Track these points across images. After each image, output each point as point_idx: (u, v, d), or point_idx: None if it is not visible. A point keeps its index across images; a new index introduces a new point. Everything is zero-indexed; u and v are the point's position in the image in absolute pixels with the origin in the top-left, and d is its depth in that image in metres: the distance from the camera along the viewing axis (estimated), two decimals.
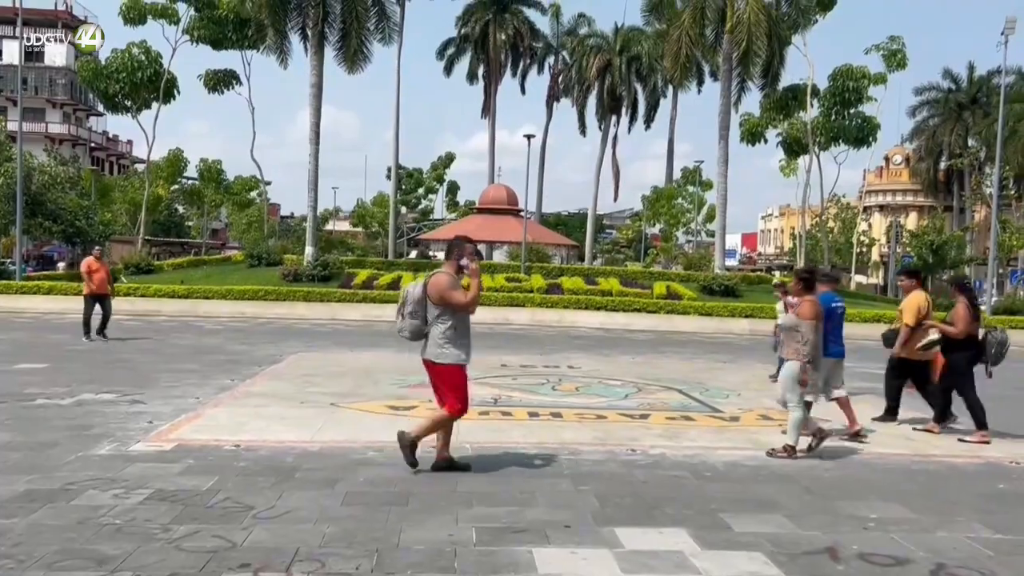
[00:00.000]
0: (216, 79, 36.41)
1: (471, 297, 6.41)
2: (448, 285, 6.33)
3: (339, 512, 5.38)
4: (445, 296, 6.31)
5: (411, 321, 6.38)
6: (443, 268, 6.48)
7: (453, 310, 6.35)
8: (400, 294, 6.50)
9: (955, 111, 59.58)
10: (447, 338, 6.34)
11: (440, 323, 6.35)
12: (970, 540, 5.29)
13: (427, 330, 6.40)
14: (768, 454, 7.54)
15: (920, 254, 38.62)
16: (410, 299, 6.38)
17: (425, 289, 6.37)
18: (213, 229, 71.33)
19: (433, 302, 6.35)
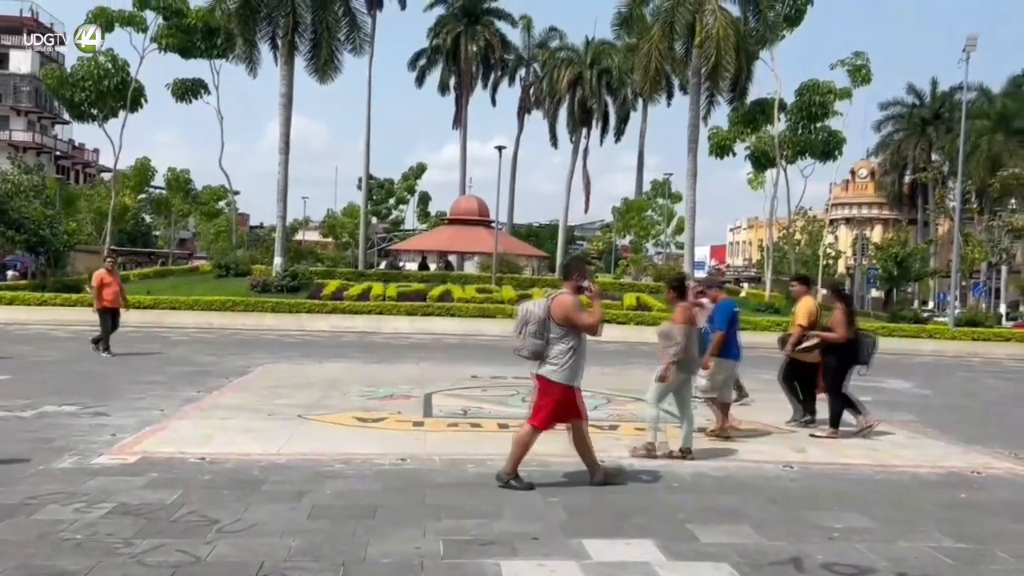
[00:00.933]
0: (184, 88, 36.09)
1: (597, 318, 6.50)
2: (574, 306, 6.41)
3: (305, 525, 5.34)
4: (571, 317, 6.38)
5: (533, 340, 6.40)
6: (562, 289, 6.56)
7: (575, 331, 6.42)
8: (518, 312, 6.62)
9: (919, 126, 60.66)
10: (566, 359, 6.41)
11: (562, 343, 6.40)
12: (932, 549, 5.36)
13: (546, 350, 6.42)
14: (631, 454, 7.82)
15: (885, 266, 39.18)
16: (533, 318, 6.41)
17: (548, 309, 6.42)
18: (181, 239, 70.58)
19: (556, 322, 6.40)
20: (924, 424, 10.76)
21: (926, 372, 19.29)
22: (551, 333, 6.41)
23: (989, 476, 7.76)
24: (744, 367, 9.84)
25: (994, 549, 5.41)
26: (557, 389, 6.42)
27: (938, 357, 24.05)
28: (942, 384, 16.45)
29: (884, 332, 26.08)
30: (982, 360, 23.96)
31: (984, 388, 16.49)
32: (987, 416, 12.19)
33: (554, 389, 6.42)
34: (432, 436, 8.56)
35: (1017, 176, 39.23)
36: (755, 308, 28.96)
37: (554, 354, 6.39)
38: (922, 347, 25.32)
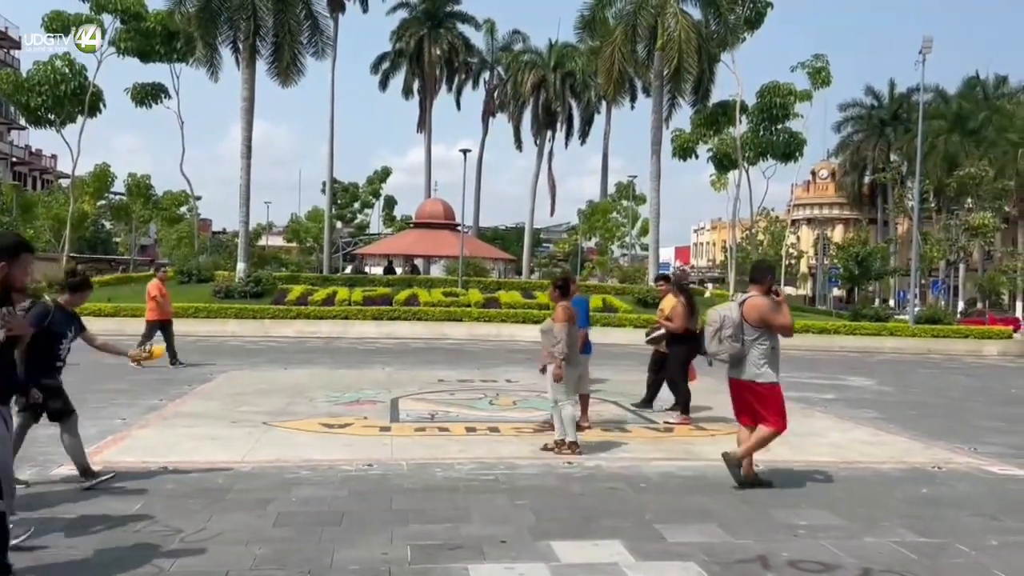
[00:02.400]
0: (144, 92, 35.62)
1: (790, 319, 6.80)
2: (769, 308, 6.64)
3: (271, 533, 5.28)
4: (768, 319, 6.63)
5: (732, 344, 6.65)
6: (751, 292, 6.82)
7: (771, 332, 6.65)
8: (711, 318, 6.82)
9: (878, 127, 61.67)
10: (766, 359, 6.65)
11: (759, 345, 6.65)
12: (895, 544, 5.43)
13: (744, 352, 6.66)
14: (543, 448, 7.92)
15: (846, 266, 39.82)
16: (728, 323, 6.65)
17: (742, 313, 6.65)
18: (142, 245, 69.55)
19: (752, 324, 6.64)
20: (887, 421, 10.92)
21: (888, 369, 19.58)
22: (747, 336, 6.66)
23: (950, 471, 7.89)
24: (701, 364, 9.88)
25: (955, 542, 5.50)
26: (774, 388, 6.73)
27: (899, 354, 24.43)
28: (904, 381, 16.71)
29: (846, 330, 26.47)
30: (942, 357, 24.37)
31: (945, 384, 16.77)
32: (948, 412, 12.40)
33: (771, 390, 6.72)
34: (399, 441, 8.51)
35: (973, 175, 39.98)
36: None
37: (756, 357, 6.66)
38: (883, 345, 25.70)
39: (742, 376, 6.73)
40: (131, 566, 4.59)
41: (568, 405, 7.93)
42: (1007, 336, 28.35)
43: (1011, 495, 6.99)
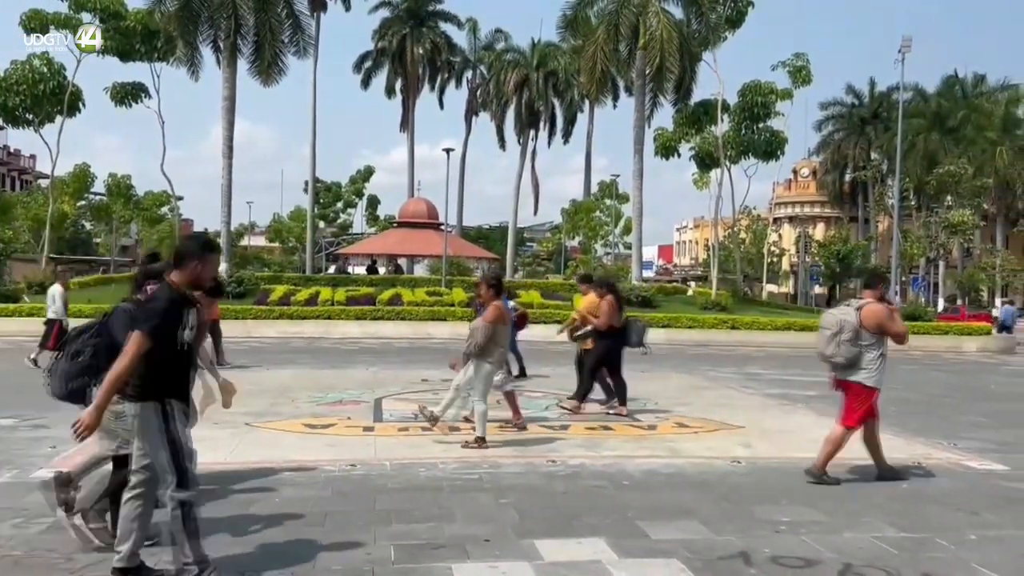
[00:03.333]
0: (124, 92, 35.24)
1: (905, 328, 7.23)
2: (887, 315, 7.00)
3: (254, 534, 5.25)
4: (885, 326, 6.99)
5: (849, 348, 6.94)
6: (865, 298, 7.14)
7: (883, 338, 7.00)
8: (828, 321, 7.12)
9: (858, 125, 62.02)
10: (878, 364, 7.04)
11: (873, 350, 7.00)
12: (876, 539, 5.48)
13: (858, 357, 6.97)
14: (463, 446, 8.01)
15: (828, 263, 40.06)
16: (847, 327, 6.92)
17: (859, 318, 6.92)
18: (123, 246, 69.04)
19: (869, 330, 6.94)
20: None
21: None
22: (863, 341, 6.94)
23: (931, 466, 7.97)
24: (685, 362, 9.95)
25: (935, 537, 5.55)
26: (872, 393, 7.07)
27: None
28: (885, 377, 16.79)
29: None
30: (923, 353, 24.56)
31: (925, 381, 16.91)
32: (928, 408, 12.50)
33: (870, 393, 7.06)
34: (382, 441, 8.50)
35: (952, 173, 40.31)
36: (702, 306, 29.32)
37: (867, 361, 6.98)
38: None
39: (850, 377, 7.07)
40: (109, 569, 4.55)
41: (482, 402, 8.07)
42: (986, 333, 28.63)
43: (990, 490, 7.06)
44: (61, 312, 15.58)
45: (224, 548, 4.94)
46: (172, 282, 4.40)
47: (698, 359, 19.86)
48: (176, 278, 4.40)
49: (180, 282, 4.40)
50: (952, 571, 4.89)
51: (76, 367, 4.92)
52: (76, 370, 4.92)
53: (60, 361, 4.97)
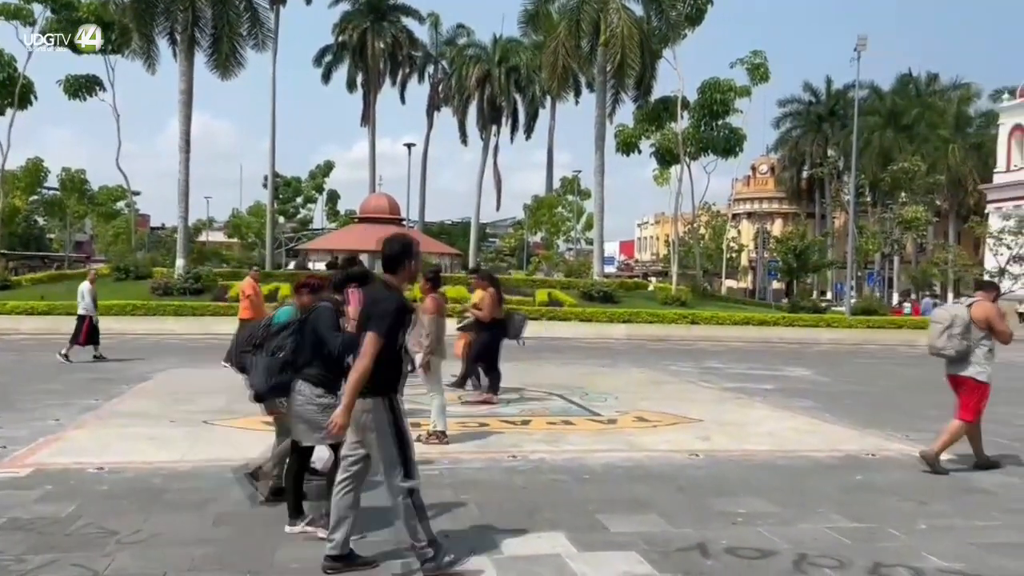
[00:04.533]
0: (77, 85, 34.62)
1: (1010, 329, 7.51)
2: (997, 313, 7.35)
3: (210, 533, 5.20)
4: (993, 322, 7.30)
5: (961, 342, 7.25)
6: (978, 297, 7.48)
7: (991, 335, 7.31)
8: (939, 316, 7.47)
9: (815, 123, 62.84)
10: (988, 360, 7.34)
11: (983, 345, 7.32)
12: (830, 530, 5.57)
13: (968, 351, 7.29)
14: (423, 441, 7.97)
15: (785, 259, 40.52)
16: (958, 322, 7.24)
17: (970, 314, 7.25)
18: (77, 242, 67.73)
19: (979, 327, 7.25)
20: (823, 410, 11.18)
21: (825, 360, 20.03)
22: (973, 336, 7.26)
23: (883, 458, 8.12)
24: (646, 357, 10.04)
25: (887, 527, 5.67)
26: (985, 388, 7.36)
27: (836, 345, 25.01)
28: (840, 371, 17.11)
29: (785, 322, 27.01)
30: (877, 347, 25.02)
31: (879, 374, 17.22)
32: (882, 401, 12.74)
33: (981, 387, 7.35)
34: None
35: (906, 170, 41.02)
36: (663, 301, 29.55)
37: (978, 356, 7.30)
38: (821, 336, 26.28)
39: (960, 372, 7.39)
40: (63, 569, 4.49)
41: (438, 396, 8.10)
42: None
43: (940, 481, 7.22)
44: (90, 308, 15.98)
45: (177, 549, 4.88)
46: (393, 285, 4.68)
47: (658, 354, 20.02)
48: (396, 280, 4.69)
49: (399, 283, 4.70)
50: (903, 559, 5.00)
51: (277, 363, 5.25)
52: (278, 366, 5.24)
53: (260, 357, 5.32)
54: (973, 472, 7.57)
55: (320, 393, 5.12)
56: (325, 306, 5.31)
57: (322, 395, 5.11)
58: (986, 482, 7.22)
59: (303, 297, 5.75)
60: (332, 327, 5.16)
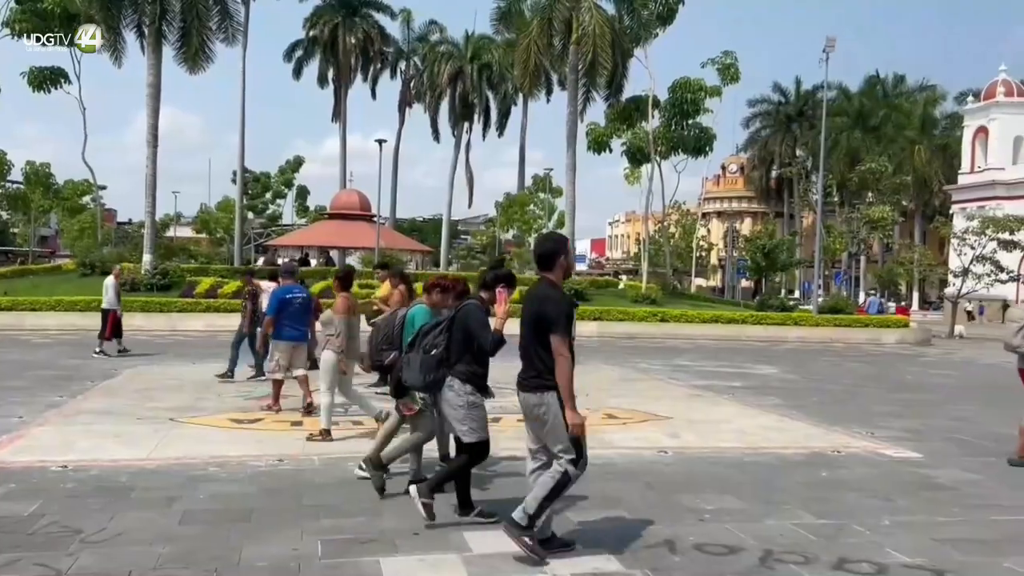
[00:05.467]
0: (42, 77, 34.05)
1: None
2: None
3: (176, 531, 5.15)
4: None
5: None
6: None
7: None
8: (1016, 315, 7.56)
9: (784, 123, 63.44)
10: None
11: None
12: (796, 526, 5.64)
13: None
14: (308, 439, 7.97)
15: (754, 258, 40.78)
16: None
17: None
18: (42, 236, 66.72)
19: None
20: (790, 407, 11.30)
21: (792, 358, 20.24)
22: None
23: (848, 455, 8.23)
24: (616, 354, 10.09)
25: (852, 523, 5.74)
26: None
27: (803, 343, 25.27)
28: (807, 369, 17.30)
29: (753, 320, 27.24)
30: (844, 345, 25.32)
31: (845, 372, 17.43)
32: (848, 398, 12.89)
33: None
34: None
35: (873, 171, 41.48)
36: (633, 299, 29.68)
37: None
38: (788, 334, 26.53)
39: None
40: (26, 568, 4.42)
41: (327, 395, 8.05)
42: (904, 325, 29.64)
43: (904, 477, 7.33)
44: (114, 302, 16.22)
45: (143, 547, 4.83)
46: (556, 282, 4.89)
47: (628, 351, 20.12)
48: (555, 277, 4.89)
49: (557, 279, 4.91)
50: (867, 555, 5.06)
51: (432, 360, 5.37)
52: (432, 363, 5.37)
53: (415, 355, 5.44)
54: (935, 469, 7.68)
55: (469, 390, 5.33)
56: (474, 304, 5.43)
57: (471, 392, 5.33)
58: (948, 479, 7.34)
59: (433, 296, 6.05)
60: (483, 324, 5.29)
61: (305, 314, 9.74)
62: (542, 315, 4.72)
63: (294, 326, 9.57)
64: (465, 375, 5.32)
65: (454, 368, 5.33)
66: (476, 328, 5.26)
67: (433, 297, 6.06)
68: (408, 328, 6.07)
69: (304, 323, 9.72)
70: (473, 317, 5.32)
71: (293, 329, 9.56)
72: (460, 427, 5.35)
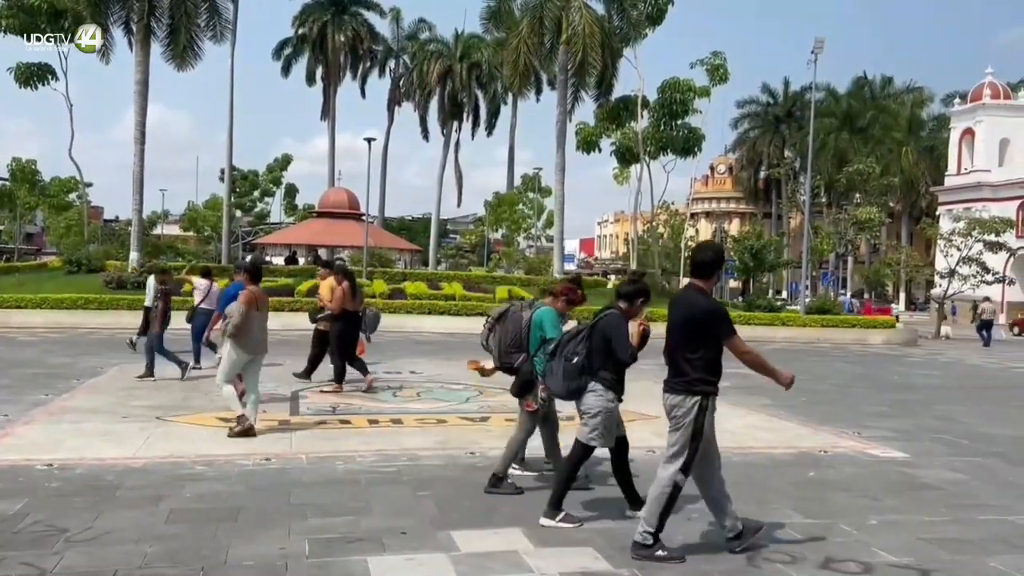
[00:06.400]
0: (29, 73, 33.82)
1: None
2: None
3: (163, 530, 5.12)
4: None
5: None
6: None
7: None
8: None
9: (773, 124, 63.64)
10: None
11: None
12: (783, 526, 5.65)
13: None
14: (229, 434, 7.97)
15: (742, 258, 40.86)
16: None
17: None
18: (28, 233, 66.35)
19: None
20: (778, 407, 11.32)
21: (780, 357, 20.23)
22: None
23: (836, 454, 8.26)
24: None
25: (839, 523, 5.76)
26: None
27: (791, 343, 25.35)
28: (795, 368, 17.20)
29: (741, 320, 27.25)
30: (831, 345, 25.42)
31: (833, 372, 17.50)
32: (835, 398, 12.95)
33: None
34: (299, 434, 8.37)
35: (861, 172, 41.64)
36: None
37: None
38: (776, 334, 26.61)
39: None
40: (10, 567, 4.39)
41: (226, 386, 8.11)
42: (890, 326, 29.78)
43: (891, 477, 7.37)
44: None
45: (129, 546, 4.80)
46: (705, 290, 5.15)
47: None
48: (707, 285, 5.16)
49: (708, 287, 5.17)
50: (853, 555, 5.08)
51: (574, 368, 5.51)
52: (574, 371, 5.50)
53: (558, 362, 5.58)
54: (922, 469, 7.72)
55: (611, 398, 5.53)
56: (615, 314, 5.59)
57: (612, 399, 5.54)
58: (934, 479, 7.38)
59: (559, 304, 6.40)
60: (624, 335, 5.49)
61: None
62: (695, 321, 4.96)
63: None
64: (608, 382, 5.52)
65: (597, 374, 5.50)
66: (617, 338, 5.46)
67: (559, 304, 6.38)
68: (535, 330, 6.26)
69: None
70: (614, 327, 5.50)
71: None
72: (587, 431, 5.53)
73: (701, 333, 4.95)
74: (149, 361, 12.09)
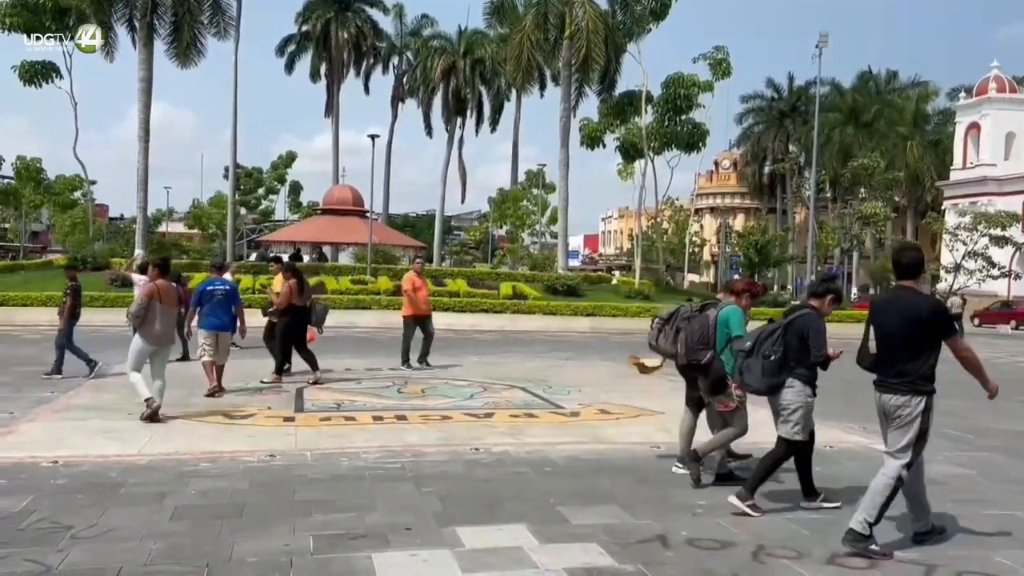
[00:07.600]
0: (33, 71, 33.88)
1: None
2: None
3: (167, 527, 5.13)
4: None
5: None
6: None
7: None
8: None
9: (777, 118, 63.48)
10: None
11: None
12: (789, 521, 5.65)
13: None
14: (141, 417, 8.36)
15: (747, 253, 40.94)
16: None
17: None
18: (33, 232, 66.47)
19: None
20: None
21: None
22: None
23: (841, 450, 8.25)
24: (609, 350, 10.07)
25: (844, 518, 5.72)
26: None
27: None
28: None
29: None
30: (835, 340, 25.32)
31: (836, 367, 17.41)
32: (840, 393, 12.88)
33: None
34: (304, 431, 8.37)
35: (866, 166, 41.56)
36: (626, 295, 29.71)
37: None
38: None
39: None
40: (15, 564, 4.40)
41: (133, 373, 8.55)
42: None
43: None
44: None
45: (133, 543, 4.81)
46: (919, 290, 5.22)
47: (621, 347, 20.10)
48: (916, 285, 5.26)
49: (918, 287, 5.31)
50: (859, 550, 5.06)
51: (772, 365, 5.77)
52: (772, 368, 5.77)
53: (756, 360, 5.82)
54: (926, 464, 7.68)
55: (809, 393, 5.81)
56: (811, 313, 5.88)
57: (810, 395, 5.82)
58: (938, 473, 7.34)
59: (743, 300, 6.65)
60: (821, 333, 5.80)
61: (226, 304, 10.53)
62: (921, 320, 5.01)
63: (215, 315, 10.44)
64: (806, 378, 5.78)
65: (795, 371, 5.76)
66: (814, 336, 5.74)
67: (743, 302, 6.62)
68: (721, 328, 6.48)
69: (226, 313, 10.48)
70: (812, 326, 5.77)
71: (215, 318, 10.42)
72: (790, 427, 5.78)
73: (928, 333, 5.03)
74: (59, 357, 12.16)
